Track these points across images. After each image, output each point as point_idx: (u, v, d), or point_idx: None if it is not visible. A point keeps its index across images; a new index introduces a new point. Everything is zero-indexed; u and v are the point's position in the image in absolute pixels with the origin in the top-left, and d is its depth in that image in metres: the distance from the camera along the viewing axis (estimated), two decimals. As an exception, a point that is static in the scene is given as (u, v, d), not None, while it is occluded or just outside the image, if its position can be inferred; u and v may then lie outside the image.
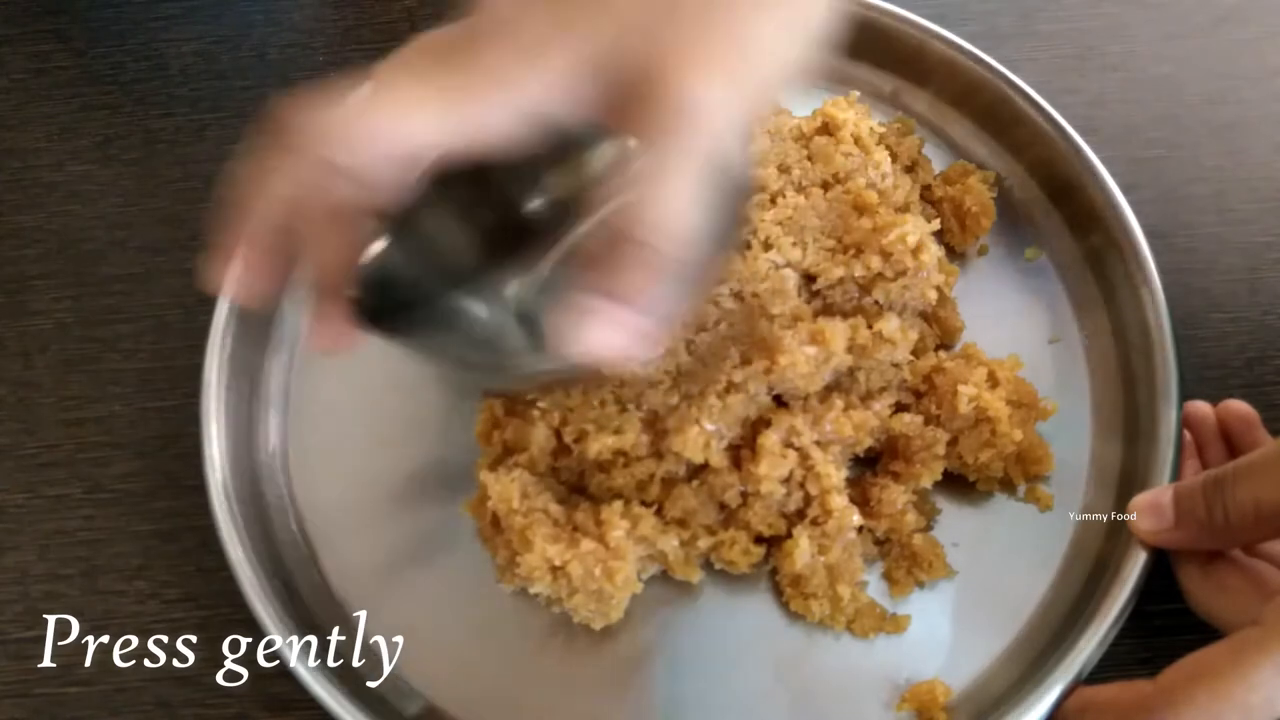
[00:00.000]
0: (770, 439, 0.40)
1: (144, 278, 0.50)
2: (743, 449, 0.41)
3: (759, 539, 0.41)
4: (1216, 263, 0.49)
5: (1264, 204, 0.50)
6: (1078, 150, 0.46)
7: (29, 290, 0.50)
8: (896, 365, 0.43)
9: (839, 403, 0.41)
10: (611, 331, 0.27)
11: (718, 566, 0.42)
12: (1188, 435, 0.42)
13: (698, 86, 0.26)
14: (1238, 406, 0.42)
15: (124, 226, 0.51)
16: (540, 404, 0.42)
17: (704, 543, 0.41)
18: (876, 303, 0.43)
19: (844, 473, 0.41)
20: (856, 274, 0.43)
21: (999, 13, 0.55)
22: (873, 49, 0.51)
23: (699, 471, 0.41)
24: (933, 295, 0.43)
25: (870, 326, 0.42)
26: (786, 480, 0.40)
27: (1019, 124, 0.48)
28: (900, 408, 0.43)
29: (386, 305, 0.32)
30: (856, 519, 0.40)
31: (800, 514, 0.41)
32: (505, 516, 0.40)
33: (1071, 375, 0.45)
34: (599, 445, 0.40)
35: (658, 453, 0.41)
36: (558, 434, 0.42)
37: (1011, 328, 0.46)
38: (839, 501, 0.40)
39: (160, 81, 0.54)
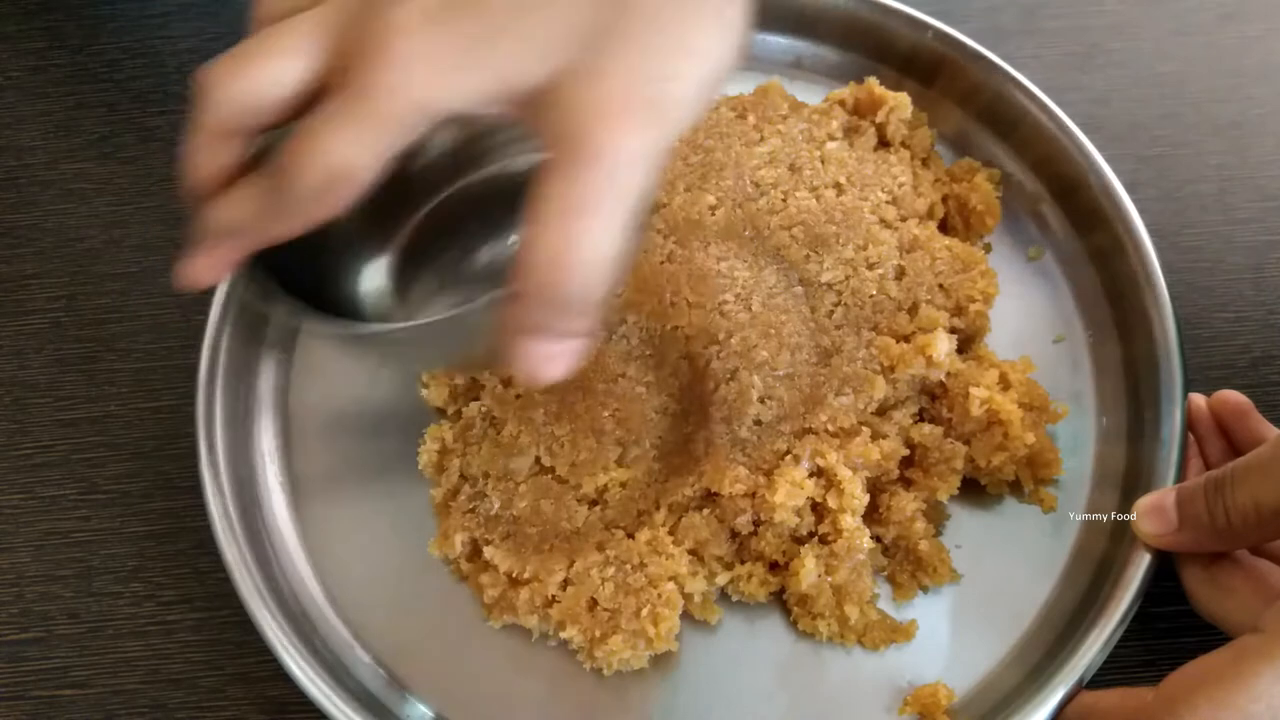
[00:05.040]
0: (791, 471, 0.40)
1: (140, 277, 0.49)
2: (757, 474, 0.41)
3: (773, 565, 0.41)
4: (1221, 261, 0.49)
5: (1269, 203, 0.50)
6: (1081, 148, 0.46)
7: (24, 289, 0.49)
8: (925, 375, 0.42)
9: (865, 430, 0.41)
10: (546, 358, 0.29)
11: (735, 599, 0.41)
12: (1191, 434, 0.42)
13: (620, 142, 0.27)
14: (1230, 397, 0.41)
15: (119, 225, 0.51)
16: (523, 430, 0.41)
17: (721, 579, 0.40)
18: (906, 312, 0.43)
19: (866, 496, 0.40)
20: (892, 294, 0.43)
21: (1002, 10, 0.55)
22: (875, 46, 0.50)
23: (709, 498, 0.41)
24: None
25: (906, 340, 0.42)
26: (799, 508, 0.40)
27: (1022, 122, 0.48)
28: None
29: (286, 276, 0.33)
30: (868, 542, 0.40)
31: (810, 533, 0.41)
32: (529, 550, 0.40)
33: (1075, 375, 0.45)
34: (604, 479, 0.40)
35: (660, 479, 0.41)
36: (537, 460, 0.41)
37: (1015, 327, 0.46)
38: (851, 522, 0.39)
39: (156, 78, 0.54)
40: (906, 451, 0.41)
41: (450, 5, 0.27)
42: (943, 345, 0.41)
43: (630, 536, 0.40)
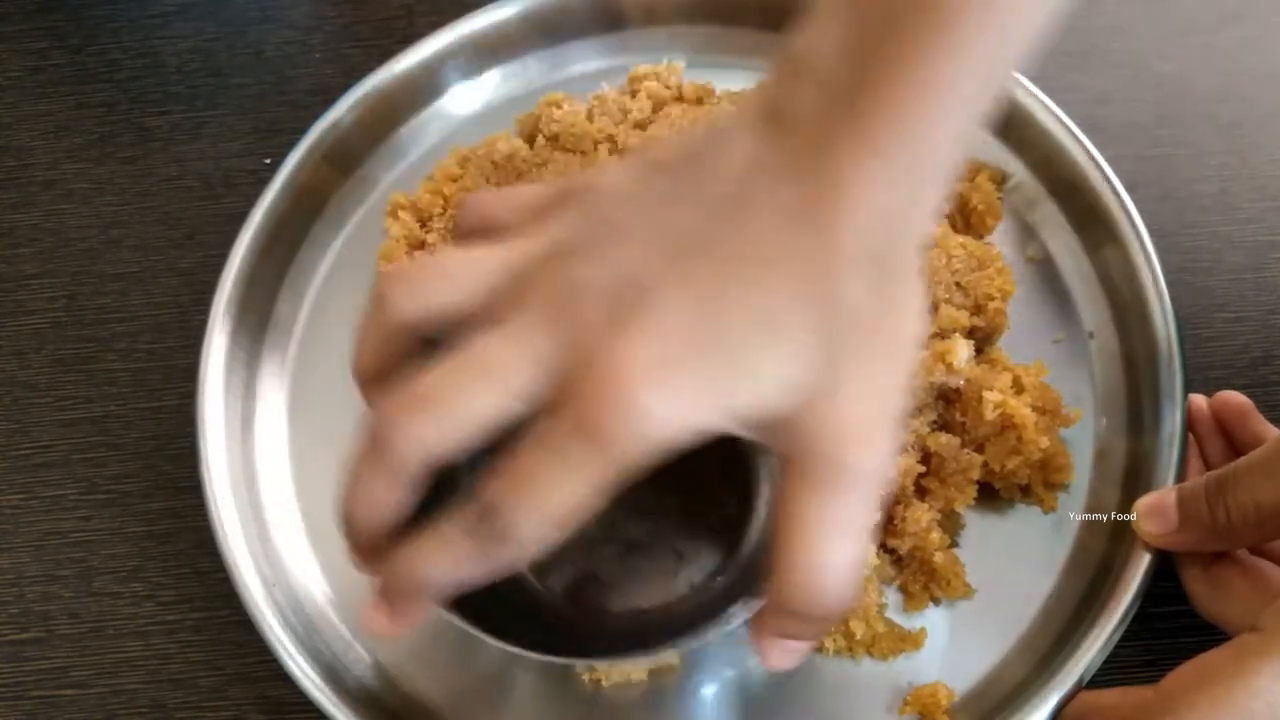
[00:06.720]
0: None
1: (140, 277, 0.49)
2: None
3: None
4: (1221, 262, 0.49)
5: (1269, 203, 0.50)
6: (1081, 148, 0.46)
7: (24, 289, 0.49)
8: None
9: None
10: (787, 659, 0.30)
11: None
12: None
13: (868, 461, 0.27)
14: (1231, 398, 0.41)
15: (120, 225, 0.51)
16: None
17: None
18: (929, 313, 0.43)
19: (879, 515, 0.40)
20: None
21: (1002, 9, 0.55)
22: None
23: None
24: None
25: (923, 346, 0.42)
26: None
27: (1022, 122, 0.47)
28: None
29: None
30: (874, 558, 0.40)
31: None
32: None
33: (1075, 375, 0.45)
34: None
35: None
36: None
37: (1014, 327, 0.45)
38: None
39: (156, 79, 0.54)
40: (923, 468, 0.41)
41: (685, 338, 0.26)
42: (963, 352, 0.41)
43: None
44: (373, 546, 0.29)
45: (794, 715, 0.40)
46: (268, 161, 0.51)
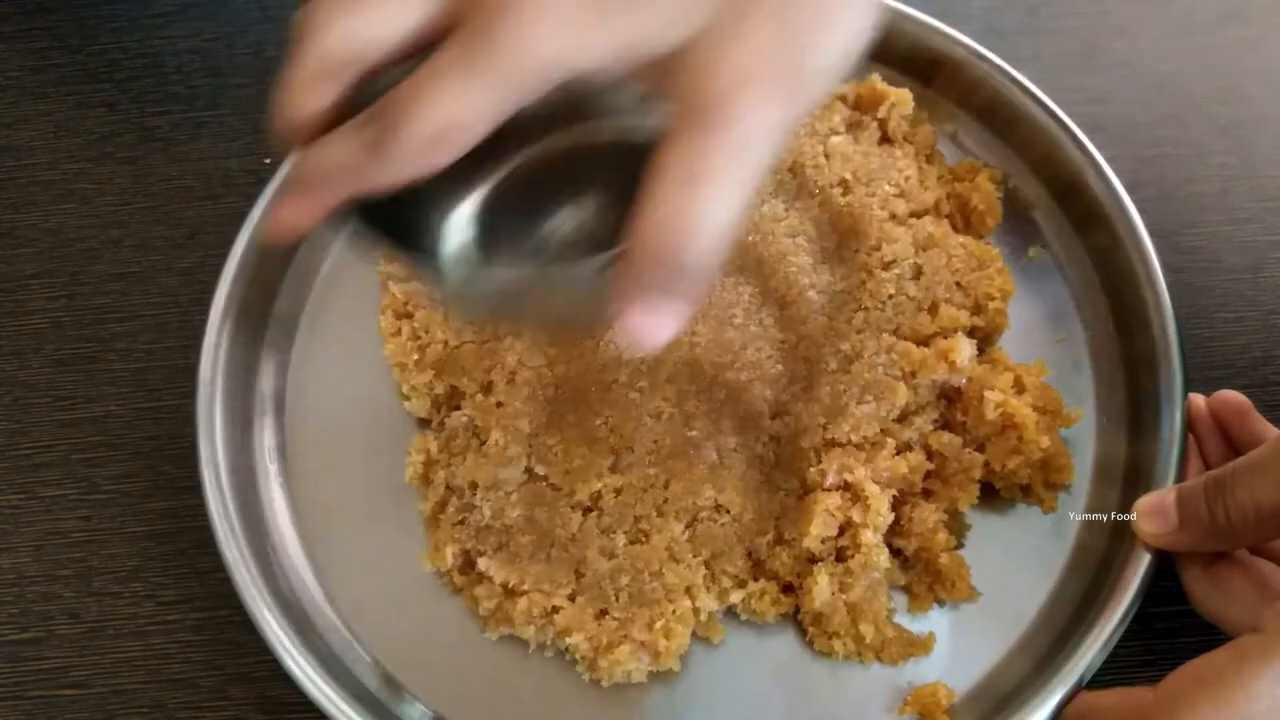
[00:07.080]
0: (825, 499, 0.39)
1: (140, 277, 0.49)
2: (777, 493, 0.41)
3: (786, 587, 0.41)
4: (1221, 261, 0.49)
5: (1269, 203, 0.50)
6: (1082, 148, 0.46)
7: (24, 289, 0.49)
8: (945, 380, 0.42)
9: (890, 442, 0.41)
10: (654, 323, 0.28)
11: (744, 618, 0.41)
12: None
13: (755, 110, 0.26)
14: (1230, 397, 0.41)
15: (119, 225, 0.51)
16: (511, 441, 0.41)
17: (735, 595, 0.40)
18: (927, 312, 0.43)
19: (891, 515, 0.40)
20: (910, 294, 0.42)
21: (1002, 10, 0.55)
22: (874, 46, 0.50)
23: (720, 509, 0.40)
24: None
25: (926, 343, 0.42)
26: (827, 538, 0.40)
27: (1022, 122, 0.48)
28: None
29: (397, 220, 0.30)
30: (885, 560, 0.40)
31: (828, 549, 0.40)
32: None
33: (1075, 375, 0.45)
34: (597, 485, 0.40)
35: (660, 485, 0.40)
36: (529, 470, 0.41)
37: (1015, 327, 0.45)
38: (871, 539, 0.39)
39: (156, 79, 0.54)
40: (931, 465, 0.41)
41: None
42: (965, 350, 0.41)
43: (633, 542, 0.40)
44: (300, 138, 0.29)
45: (794, 715, 0.40)
46: (268, 161, 0.51)
